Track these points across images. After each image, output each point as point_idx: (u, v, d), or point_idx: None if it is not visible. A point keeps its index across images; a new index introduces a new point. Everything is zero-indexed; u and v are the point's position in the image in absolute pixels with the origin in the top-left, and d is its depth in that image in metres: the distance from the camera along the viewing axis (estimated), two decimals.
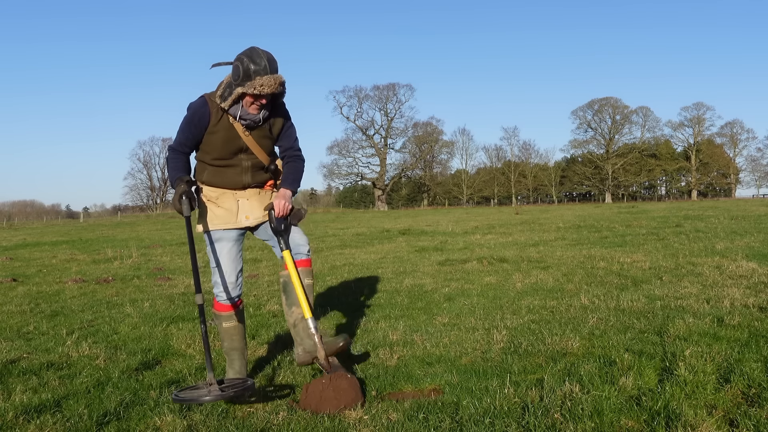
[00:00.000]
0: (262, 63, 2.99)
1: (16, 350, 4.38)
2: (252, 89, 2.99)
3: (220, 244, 3.31)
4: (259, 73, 2.99)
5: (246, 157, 3.27)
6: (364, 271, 8.39)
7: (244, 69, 3.00)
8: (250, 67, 2.99)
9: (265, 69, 2.99)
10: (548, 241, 12.23)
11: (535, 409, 2.75)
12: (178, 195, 3.09)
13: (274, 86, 3.01)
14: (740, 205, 30.06)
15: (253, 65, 2.99)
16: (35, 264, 12.27)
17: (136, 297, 6.94)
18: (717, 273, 6.56)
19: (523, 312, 5.06)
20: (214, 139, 3.21)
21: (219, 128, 3.18)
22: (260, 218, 3.35)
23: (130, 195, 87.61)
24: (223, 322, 3.38)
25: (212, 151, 3.24)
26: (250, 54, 3.02)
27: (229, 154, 3.24)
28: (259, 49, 3.04)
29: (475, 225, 20.60)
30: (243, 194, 3.33)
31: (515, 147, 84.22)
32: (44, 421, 2.86)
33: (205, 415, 2.91)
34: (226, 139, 3.20)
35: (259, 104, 3.11)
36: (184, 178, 3.15)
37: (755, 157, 79.27)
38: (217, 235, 3.30)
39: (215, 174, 3.29)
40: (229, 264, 3.32)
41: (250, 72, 2.99)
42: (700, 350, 3.45)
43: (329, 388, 2.98)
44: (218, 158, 3.26)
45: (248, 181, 3.32)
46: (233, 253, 3.32)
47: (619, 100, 79.12)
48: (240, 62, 3.02)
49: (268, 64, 3.00)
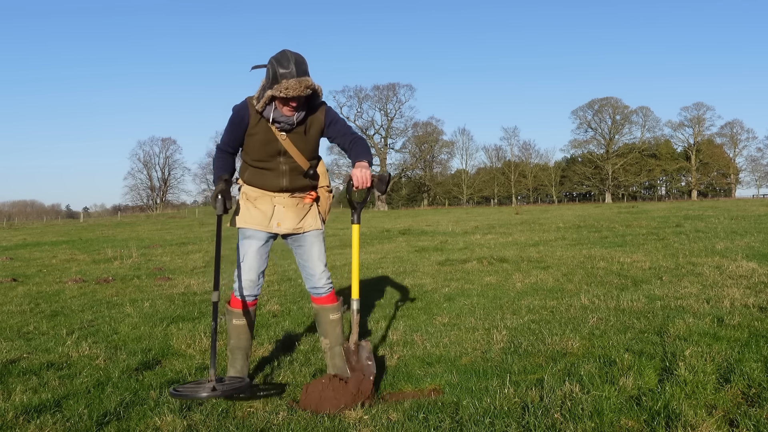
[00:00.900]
0: (289, 66, 3.03)
1: (16, 350, 4.37)
2: (278, 92, 3.04)
3: (249, 242, 3.36)
4: (285, 77, 3.02)
5: (284, 160, 3.31)
6: (364, 271, 8.39)
7: (273, 72, 3.05)
8: (278, 71, 3.03)
9: (291, 72, 3.03)
10: (548, 241, 12.23)
11: (535, 409, 2.75)
12: (215, 193, 3.18)
13: (299, 89, 3.03)
14: (740, 205, 30.06)
15: (281, 68, 3.03)
16: (35, 264, 12.27)
17: (136, 297, 6.94)
18: (717, 273, 6.56)
19: (523, 312, 5.06)
20: (253, 141, 3.27)
21: (258, 130, 3.24)
22: (291, 229, 3.39)
23: (130, 195, 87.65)
24: (233, 319, 3.41)
25: (252, 152, 3.31)
26: (279, 57, 3.06)
27: (267, 156, 3.30)
28: (288, 53, 3.08)
29: (475, 225, 20.60)
30: (281, 200, 3.37)
31: (515, 147, 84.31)
32: (44, 421, 2.86)
33: (205, 415, 2.91)
34: (264, 141, 3.26)
35: (291, 107, 3.15)
36: (224, 176, 3.25)
37: (755, 157, 79.36)
38: (248, 233, 3.36)
39: (255, 175, 3.36)
40: (253, 262, 3.36)
41: (277, 75, 3.04)
42: (700, 350, 3.45)
43: (329, 388, 2.98)
44: (257, 160, 3.32)
45: (285, 185, 3.34)
46: (260, 253, 3.38)
47: (619, 100, 79.22)
48: (270, 65, 3.08)
49: (296, 68, 3.03)
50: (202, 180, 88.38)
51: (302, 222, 3.40)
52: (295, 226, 3.38)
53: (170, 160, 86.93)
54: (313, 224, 3.44)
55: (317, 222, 3.46)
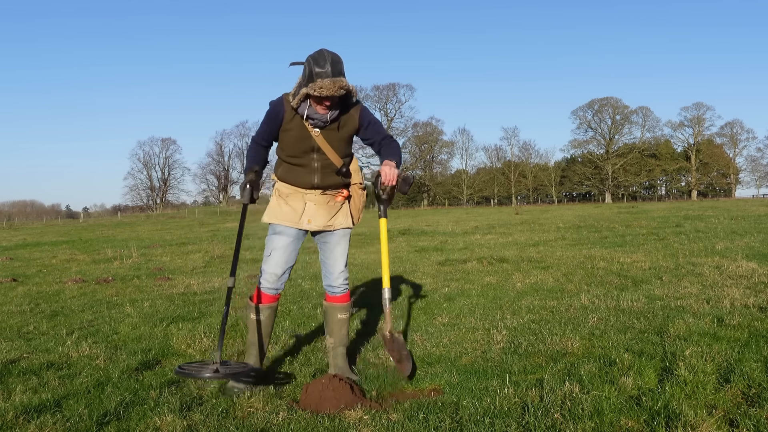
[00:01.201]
0: (325, 66, 3.07)
1: (16, 350, 4.37)
2: (312, 91, 3.09)
3: (278, 237, 3.41)
4: (320, 76, 3.07)
5: (317, 157, 3.35)
6: (364, 271, 8.39)
7: (309, 70, 3.11)
8: (314, 69, 3.08)
9: (327, 72, 3.07)
10: (548, 241, 12.23)
11: (535, 409, 2.75)
12: (244, 182, 3.27)
13: (333, 89, 3.08)
14: (740, 205, 30.07)
15: (317, 67, 3.08)
16: (35, 264, 12.27)
17: (136, 297, 6.94)
18: (717, 273, 6.56)
19: (523, 312, 5.06)
20: (287, 137, 3.34)
21: (292, 126, 3.30)
22: (321, 227, 3.43)
23: (130, 195, 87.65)
24: (251, 314, 3.47)
25: (286, 147, 3.38)
26: (317, 57, 3.11)
27: (300, 152, 3.35)
28: (326, 52, 3.12)
29: (475, 225, 20.61)
30: (312, 197, 3.42)
31: (515, 147, 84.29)
32: (44, 421, 2.86)
33: (205, 415, 2.91)
34: (298, 137, 3.31)
35: (325, 105, 3.19)
36: (254, 168, 3.32)
37: (755, 157, 79.36)
38: (278, 229, 3.42)
39: (288, 171, 3.42)
40: (279, 257, 3.41)
41: (313, 74, 3.08)
42: (700, 350, 3.45)
43: (329, 388, 2.99)
44: (291, 155, 3.38)
45: (317, 182, 3.38)
46: (289, 248, 3.42)
47: (619, 100, 79.24)
48: (307, 63, 3.13)
49: (331, 67, 3.08)
50: (202, 180, 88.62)
51: (333, 219, 3.46)
52: (326, 223, 3.44)
53: (170, 160, 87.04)
54: (344, 222, 3.49)
55: (348, 220, 3.52)
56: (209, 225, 32.38)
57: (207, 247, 14.85)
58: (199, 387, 3.36)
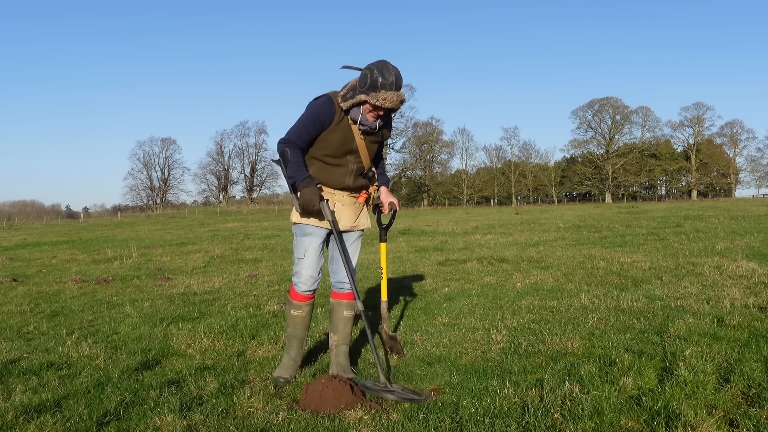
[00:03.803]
0: (390, 78, 3.13)
1: (16, 350, 4.37)
2: (375, 100, 3.14)
3: (309, 239, 3.45)
4: (385, 87, 3.12)
5: (354, 159, 3.42)
6: (364, 271, 8.39)
7: (372, 79, 3.13)
8: (378, 79, 3.12)
9: (391, 85, 3.13)
10: (548, 241, 12.23)
11: (535, 409, 2.75)
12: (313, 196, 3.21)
13: (395, 102, 3.16)
14: (740, 205, 30.07)
15: (381, 78, 3.12)
16: (35, 264, 12.27)
17: (136, 297, 6.94)
18: (717, 273, 6.56)
19: (523, 312, 5.06)
20: (332, 138, 3.35)
21: (339, 128, 3.33)
22: (347, 227, 3.51)
23: (130, 195, 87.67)
24: (292, 310, 3.54)
25: (327, 147, 3.38)
26: (381, 67, 3.14)
27: (341, 153, 3.39)
28: (390, 65, 3.17)
29: (475, 225, 20.61)
30: (341, 198, 3.48)
31: (515, 147, 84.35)
32: (44, 421, 2.86)
33: (205, 415, 2.91)
34: (343, 139, 3.35)
35: (377, 114, 3.25)
36: (314, 181, 3.29)
37: (755, 157, 79.40)
38: (309, 230, 3.45)
39: (322, 170, 3.43)
40: (313, 259, 3.46)
41: (377, 84, 3.12)
42: (700, 350, 3.45)
43: (329, 388, 2.98)
44: (330, 155, 3.40)
45: (350, 183, 3.46)
46: (320, 249, 3.48)
47: (619, 100, 79.27)
48: (370, 72, 3.15)
49: (395, 81, 3.14)
50: (202, 180, 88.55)
51: (357, 220, 3.55)
52: (352, 224, 3.52)
53: (170, 160, 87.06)
54: (365, 223, 3.61)
55: (368, 221, 3.63)
56: (209, 225, 32.38)
57: (207, 247, 14.85)
58: (199, 387, 3.36)
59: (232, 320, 5.20)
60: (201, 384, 3.40)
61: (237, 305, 6.01)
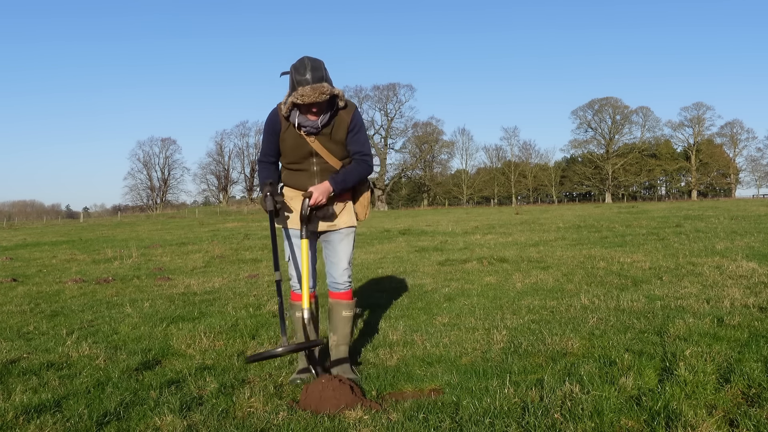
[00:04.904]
0: (305, 74, 3.13)
1: (16, 350, 4.37)
2: (296, 99, 3.15)
3: (288, 241, 3.54)
4: (301, 83, 3.12)
5: (316, 161, 3.42)
6: (365, 271, 8.39)
7: (292, 79, 3.17)
8: (295, 78, 3.15)
9: (307, 80, 3.12)
10: (548, 241, 12.23)
11: (535, 409, 2.75)
12: (263, 194, 3.37)
13: (314, 96, 3.12)
14: (740, 205, 30.07)
15: (298, 75, 3.14)
16: (35, 264, 12.27)
17: (136, 297, 6.94)
18: (717, 273, 6.56)
19: (523, 312, 5.06)
20: (285, 146, 3.42)
21: (288, 135, 3.38)
22: (325, 227, 3.50)
23: (130, 195, 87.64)
24: (296, 312, 3.56)
25: (285, 155, 3.47)
26: (298, 65, 3.16)
27: (299, 158, 3.43)
28: (306, 60, 3.17)
29: (475, 225, 20.61)
30: None
31: (515, 147, 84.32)
32: (44, 421, 2.85)
33: (205, 415, 2.91)
34: (295, 145, 3.38)
35: (313, 112, 3.23)
36: (268, 180, 3.43)
37: (755, 157, 79.37)
38: (285, 233, 3.56)
39: (290, 176, 3.53)
40: (297, 259, 3.52)
41: (295, 82, 3.14)
42: (700, 350, 3.45)
43: (329, 388, 2.98)
44: (291, 162, 3.47)
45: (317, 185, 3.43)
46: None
47: (619, 100, 79.23)
48: (290, 72, 3.18)
49: (311, 74, 3.12)
50: (202, 180, 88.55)
51: (337, 220, 3.51)
52: (330, 223, 3.50)
53: (170, 160, 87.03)
54: (348, 221, 3.55)
55: (352, 219, 3.57)
56: (209, 225, 32.37)
57: (207, 247, 14.85)
58: (199, 387, 3.36)
59: (232, 320, 5.20)
60: (201, 384, 3.40)
61: (237, 305, 6.01)
